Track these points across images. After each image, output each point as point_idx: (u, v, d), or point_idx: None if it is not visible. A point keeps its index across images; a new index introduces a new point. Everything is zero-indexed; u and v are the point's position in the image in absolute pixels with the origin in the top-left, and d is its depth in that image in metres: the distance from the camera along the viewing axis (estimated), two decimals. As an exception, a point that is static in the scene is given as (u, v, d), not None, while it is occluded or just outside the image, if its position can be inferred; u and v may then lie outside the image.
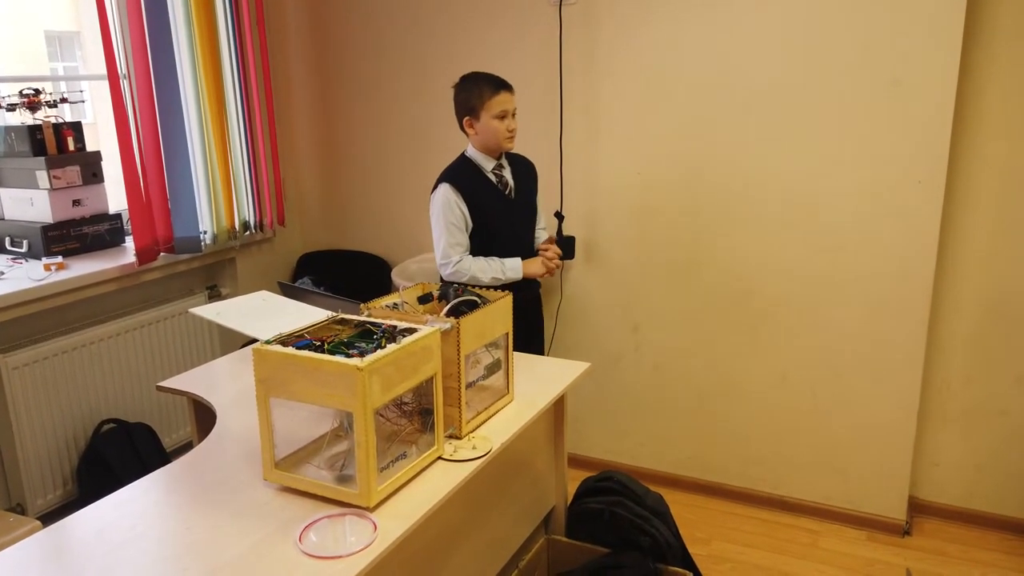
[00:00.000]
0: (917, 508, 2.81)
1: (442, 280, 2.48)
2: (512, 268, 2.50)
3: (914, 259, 2.52)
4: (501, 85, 2.40)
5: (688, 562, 2.24)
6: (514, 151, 2.59)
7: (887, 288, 2.58)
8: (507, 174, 2.54)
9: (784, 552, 2.65)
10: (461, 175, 2.47)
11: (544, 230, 2.73)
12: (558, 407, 2.09)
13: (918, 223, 2.50)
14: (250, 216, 3.19)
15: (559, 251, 2.62)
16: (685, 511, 2.88)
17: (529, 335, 2.67)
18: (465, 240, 2.47)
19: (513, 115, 2.43)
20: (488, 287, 2.45)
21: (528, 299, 2.63)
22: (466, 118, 2.44)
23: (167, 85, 2.81)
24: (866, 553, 2.63)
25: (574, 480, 2.32)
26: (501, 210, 2.51)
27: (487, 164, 2.48)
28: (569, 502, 2.26)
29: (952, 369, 2.68)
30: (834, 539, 2.72)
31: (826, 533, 2.76)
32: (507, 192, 2.53)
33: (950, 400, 2.70)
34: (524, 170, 2.62)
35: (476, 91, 2.40)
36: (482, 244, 2.50)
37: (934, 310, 2.60)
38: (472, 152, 2.49)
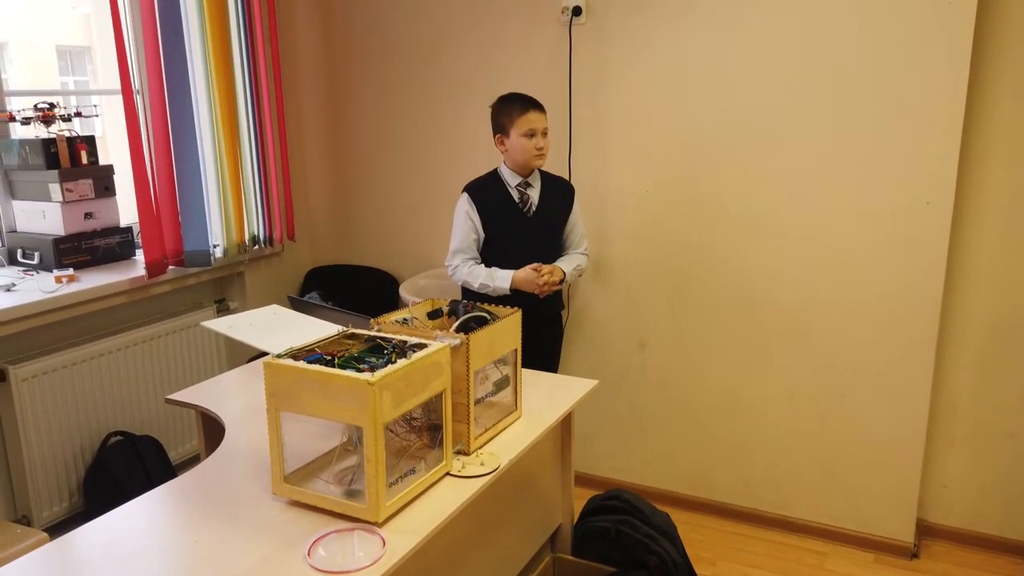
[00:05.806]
0: (925, 530, 2.79)
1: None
2: (501, 277, 2.49)
3: (922, 279, 2.52)
4: (531, 104, 2.47)
5: (694, 582, 2.23)
6: (555, 173, 2.67)
7: (895, 308, 2.58)
8: (533, 193, 2.57)
9: (790, 574, 2.63)
10: (482, 187, 2.56)
11: (584, 255, 2.68)
12: (565, 424, 2.09)
13: (926, 244, 2.50)
14: (260, 230, 3.21)
15: (559, 270, 2.51)
16: (691, 531, 2.87)
17: (543, 360, 2.58)
18: (472, 248, 2.55)
19: (544, 134, 2.48)
20: (481, 294, 2.50)
21: (542, 321, 2.61)
22: (498, 135, 2.52)
23: (180, 100, 2.83)
24: None
25: (580, 498, 2.32)
26: (516, 225, 2.55)
27: (513, 180, 2.55)
28: (576, 520, 2.25)
29: (960, 389, 2.67)
30: (841, 561, 2.70)
31: (833, 555, 2.74)
32: (526, 209, 2.56)
33: (958, 421, 2.69)
34: (556, 192, 2.63)
35: (507, 110, 2.48)
36: (495, 256, 2.55)
37: (942, 330, 2.60)
38: (502, 168, 2.57)
